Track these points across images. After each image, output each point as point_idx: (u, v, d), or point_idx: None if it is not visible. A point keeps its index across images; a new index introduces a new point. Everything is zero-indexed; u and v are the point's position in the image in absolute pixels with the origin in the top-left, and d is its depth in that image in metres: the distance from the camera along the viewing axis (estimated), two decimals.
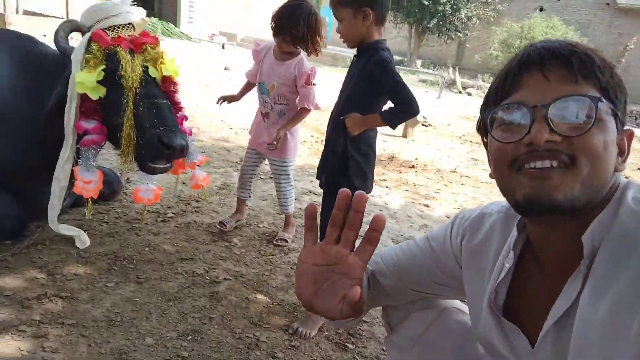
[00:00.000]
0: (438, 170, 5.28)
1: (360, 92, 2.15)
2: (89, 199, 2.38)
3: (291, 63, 2.64)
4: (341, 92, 2.26)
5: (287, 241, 2.90)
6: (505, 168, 0.85)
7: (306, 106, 2.68)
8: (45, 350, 1.77)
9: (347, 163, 2.17)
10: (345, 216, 0.86)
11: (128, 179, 3.50)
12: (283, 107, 2.73)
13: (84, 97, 2.23)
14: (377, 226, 0.84)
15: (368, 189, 2.27)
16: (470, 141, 7.38)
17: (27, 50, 2.57)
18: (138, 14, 2.45)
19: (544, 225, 0.86)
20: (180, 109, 2.45)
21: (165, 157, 2.22)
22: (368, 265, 1.21)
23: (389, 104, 2.12)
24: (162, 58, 2.33)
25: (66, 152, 2.35)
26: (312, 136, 5.91)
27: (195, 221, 3.04)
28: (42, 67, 2.50)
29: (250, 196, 3.06)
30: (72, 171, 2.39)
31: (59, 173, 2.38)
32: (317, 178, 2.39)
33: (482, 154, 6.64)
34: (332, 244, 0.87)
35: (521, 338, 0.92)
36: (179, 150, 2.19)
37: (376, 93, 2.12)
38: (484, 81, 16.70)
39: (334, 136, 2.22)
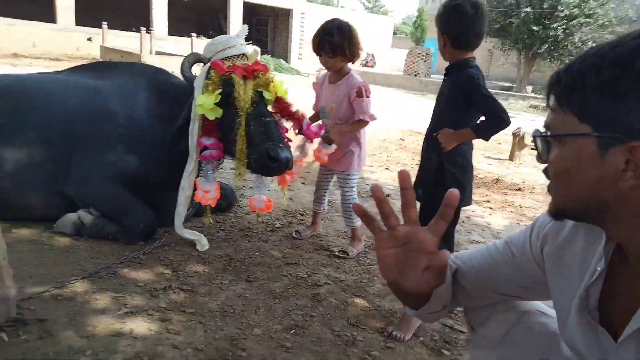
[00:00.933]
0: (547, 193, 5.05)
1: (450, 108, 2.23)
2: (208, 207, 2.69)
3: (343, 82, 2.83)
4: (434, 110, 2.36)
5: (348, 254, 2.95)
6: None
7: (362, 118, 2.79)
8: (169, 332, 2.03)
9: (444, 176, 2.24)
10: (385, 206, 0.92)
11: (242, 194, 3.83)
12: (343, 126, 2.89)
13: (204, 118, 2.56)
14: (451, 202, 0.89)
15: (466, 201, 2.31)
16: None
17: (161, 81, 3.01)
18: (251, 47, 2.77)
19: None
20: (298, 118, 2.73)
21: (273, 170, 2.46)
22: (451, 263, 1.25)
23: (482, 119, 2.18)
24: (272, 82, 2.61)
25: (190, 165, 2.68)
26: (412, 159, 5.97)
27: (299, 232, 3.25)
28: (172, 95, 2.90)
29: (324, 209, 3.24)
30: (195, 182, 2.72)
31: (184, 184, 2.72)
32: (414, 190, 2.48)
33: None
34: (396, 227, 0.92)
35: (607, 338, 0.91)
36: (284, 162, 2.42)
37: (465, 108, 2.18)
38: None
39: (429, 153, 2.31)
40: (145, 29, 14.51)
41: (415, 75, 21.09)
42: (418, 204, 2.34)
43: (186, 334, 2.03)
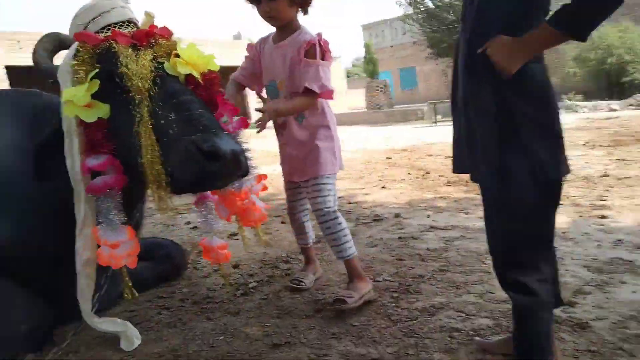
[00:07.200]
0: None
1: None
2: (124, 272, 1.59)
3: (292, 42, 1.94)
4: (462, 20, 1.39)
5: (346, 302, 1.83)
6: None
7: (307, 85, 1.86)
8: None
9: (513, 121, 1.23)
10: None
11: (200, 250, 2.72)
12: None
13: (81, 124, 1.52)
14: None
15: (561, 164, 1.27)
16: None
17: (36, 109, 1.97)
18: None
19: None
20: (235, 110, 1.68)
21: (212, 175, 1.38)
22: None
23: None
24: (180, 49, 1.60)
25: (80, 209, 1.62)
26: (409, 173, 4.98)
27: (287, 288, 2.15)
28: (50, 120, 1.83)
29: (310, 241, 2.23)
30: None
31: (79, 243, 1.63)
32: (457, 172, 1.49)
33: None
34: None
35: None
36: (230, 157, 1.35)
37: None
38: (570, 100, 15.08)
39: (461, 115, 1.36)
40: None
41: (379, 108, 20.68)
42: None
43: None
